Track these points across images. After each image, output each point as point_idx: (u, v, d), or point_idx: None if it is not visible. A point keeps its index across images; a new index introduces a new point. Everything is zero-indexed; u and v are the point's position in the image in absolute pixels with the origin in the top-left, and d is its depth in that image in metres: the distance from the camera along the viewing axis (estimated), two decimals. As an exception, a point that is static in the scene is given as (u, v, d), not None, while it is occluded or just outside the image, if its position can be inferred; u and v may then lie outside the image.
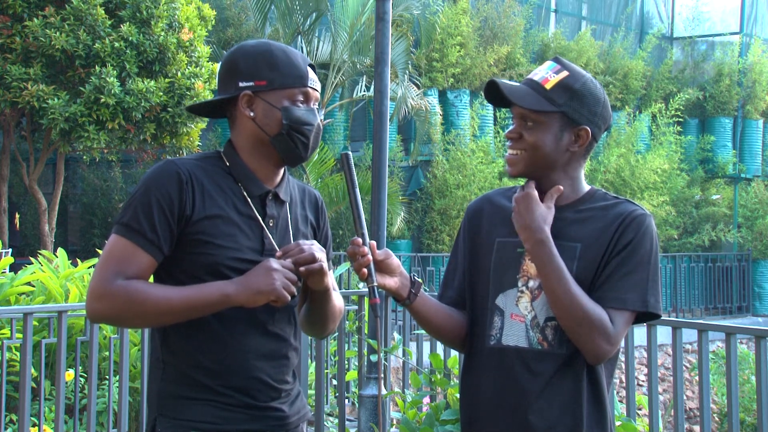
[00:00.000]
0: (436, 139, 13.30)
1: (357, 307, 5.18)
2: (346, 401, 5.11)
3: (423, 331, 4.82)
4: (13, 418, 5.36)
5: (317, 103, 2.16)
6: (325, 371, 4.80)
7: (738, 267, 15.73)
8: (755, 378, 3.52)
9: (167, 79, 8.84)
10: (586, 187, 2.17)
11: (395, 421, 4.38)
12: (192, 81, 8.99)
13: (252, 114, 2.10)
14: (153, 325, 2.09)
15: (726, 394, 3.91)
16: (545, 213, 2.08)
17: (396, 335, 5.73)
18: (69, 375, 5.13)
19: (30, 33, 8.49)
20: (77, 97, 8.62)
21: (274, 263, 2.00)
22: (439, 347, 4.58)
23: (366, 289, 2.05)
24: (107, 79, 8.36)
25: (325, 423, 5.42)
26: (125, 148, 9.71)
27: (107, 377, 5.23)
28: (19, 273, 6.19)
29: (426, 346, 5.08)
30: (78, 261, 7.55)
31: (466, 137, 13.55)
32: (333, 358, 6.99)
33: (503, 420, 2.10)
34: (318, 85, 2.16)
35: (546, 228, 2.06)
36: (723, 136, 16.91)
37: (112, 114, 8.55)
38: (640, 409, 5.04)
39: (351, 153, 2.16)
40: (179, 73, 8.95)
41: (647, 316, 2.10)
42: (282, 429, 2.13)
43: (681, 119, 16.13)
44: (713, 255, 15.72)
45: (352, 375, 4.81)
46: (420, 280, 2.16)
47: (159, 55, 8.91)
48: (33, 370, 4.56)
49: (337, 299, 2.22)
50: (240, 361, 2.06)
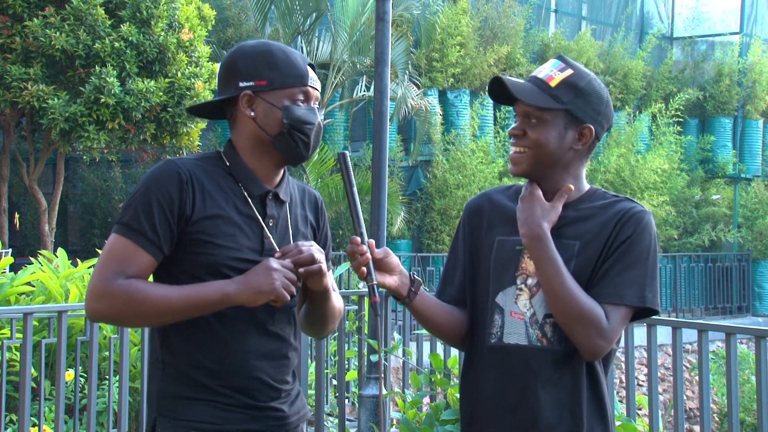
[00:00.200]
0: (436, 139, 13.30)
1: (357, 307, 5.18)
2: (346, 401, 5.11)
3: (423, 331, 4.83)
4: (13, 418, 5.36)
5: (317, 103, 2.16)
6: (325, 371, 4.80)
7: (738, 267, 15.73)
8: (755, 378, 3.52)
9: (167, 79, 8.84)
10: (586, 186, 2.18)
11: (395, 421, 4.38)
12: (192, 81, 8.99)
13: (252, 114, 2.10)
14: (153, 325, 2.09)
15: (726, 394, 3.91)
16: (548, 211, 2.09)
17: (396, 335, 5.72)
18: (69, 375, 5.13)
19: (30, 33, 8.49)
20: (77, 97, 8.62)
21: (274, 263, 2.00)
22: (439, 347, 4.58)
23: (366, 289, 2.05)
24: (107, 79, 8.36)
25: (325, 423, 5.42)
26: (125, 148, 9.71)
27: (107, 377, 5.23)
28: (19, 273, 6.19)
29: (426, 346, 5.08)
30: (78, 261, 7.56)
31: (466, 137, 13.54)
32: (333, 358, 6.99)
33: (504, 418, 2.10)
34: (318, 85, 2.16)
35: (545, 224, 2.07)
36: (723, 136, 16.91)
37: (112, 114, 8.55)
38: (640, 409, 5.04)
39: (348, 152, 2.16)
40: (179, 73, 8.95)
41: (646, 312, 2.10)
42: (282, 429, 2.13)
43: (681, 119, 16.13)
44: (713, 255, 15.72)
45: (352, 375, 4.81)
46: (419, 278, 2.16)
47: (159, 55, 8.90)
48: (33, 370, 4.56)
49: (337, 299, 2.22)
50: (240, 361, 2.06)
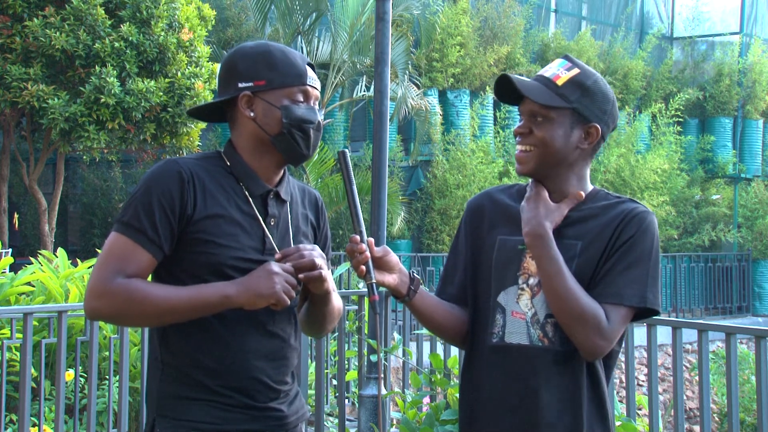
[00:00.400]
0: (436, 139, 13.30)
1: (357, 307, 5.17)
2: (346, 401, 5.11)
3: (423, 331, 4.82)
4: (13, 418, 5.36)
5: (317, 102, 2.16)
6: (325, 371, 4.80)
7: (738, 267, 15.73)
8: (755, 378, 3.52)
9: (167, 79, 8.84)
10: (589, 187, 2.18)
11: (395, 421, 4.38)
12: (192, 81, 8.99)
13: (252, 114, 2.10)
14: (151, 325, 2.08)
15: (726, 394, 3.91)
16: (552, 211, 2.09)
17: (396, 335, 5.72)
18: (69, 375, 5.13)
19: (30, 33, 8.49)
20: (77, 97, 8.62)
21: (275, 266, 1.99)
22: (439, 347, 4.57)
23: (366, 289, 2.05)
24: (107, 79, 8.36)
25: (325, 423, 5.42)
26: (125, 148, 9.71)
27: (107, 377, 5.22)
28: (19, 273, 6.19)
29: (426, 346, 5.08)
30: (78, 261, 7.56)
31: (466, 137, 13.54)
32: (333, 358, 6.99)
33: (504, 418, 2.10)
34: (317, 84, 2.16)
35: (547, 224, 2.07)
36: (723, 136, 16.91)
37: (112, 114, 8.55)
38: (640, 409, 5.04)
39: (348, 151, 2.16)
40: (179, 73, 8.95)
41: (647, 312, 2.10)
42: (281, 429, 2.13)
43: (681, 119, 16.13)
44: (713, 255, 15.72)
45: (352, 375, 4.81)
46: (419, 277, 2.15)
47: (159, 55, 8.90)
48: (33, 370, 4.56)
49: (337, 299, 2.22)
50: (240, 361, 2.06)
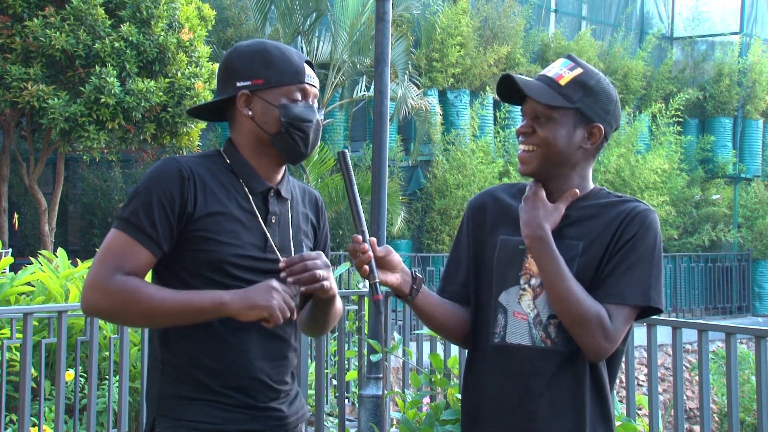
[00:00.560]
0: (436, 139, 13.29)
1: (357, 307, 5.17)
2: (346, 401, 5.11)
3: (423, 331, 4.81)
4: (13, 418, 5.35)
5: (316, 100, 2.16)
6: (325, 371, 4.80)
7: (738, 267, 15.72)
8: (755, 378, 3.52)
9: (167, 79, 8.84)
10: (591, 186, 2.17)
11: (395, 421, 4.37)
12: (192, 81, 8.99)
13: (250, 113, 2.10)
14: (145, 325, 2.08)
15: (726, 394, 3.91)
16: (551, 212, 2.08)
17: (396, 335, 5.72)
18: (69, 375, 5.13)
19: (30, 33, 8.49)
20: (77, 97, 8.62)
21: (276, 284, 1.99)
22: (439, 347, 4.57)
23: (366, 289, 2.05)
24: (107, 79, 8.36)
25: (325, 423, 5.42)
26: (125, 148, 9.71)
27: (107, 377, 5.22)
28: (19, 273, 6.19)
29: (426, 346, 5.08)
30: (78, 261, 7.56)
31: (466, 137, 13.54)
32: (333, 358, 6.98)
33: (505, 418, 2.09)
34: (316, 82, 2.15)
35: (547, 226, 2.06)
36: (723, 136, 16.91)
37: (112, 114, 8.55)
38: (640, 409, 5.03)
39: (348, 151, 2.15)
40: (179, 73, 8.95)
41: (650, 311, 2.09)
42: (281, 429, 2.13)
43: (681, 119, 16.13)
44: (713, 255, 15.71)
45: (352, 375, 4.80)
46: (421, 276, 2.15)
47: (159, 55, 8.90)
48: (33, 370, 4.55)
49: (337, 300, 2.21)
50: (240, 361, 2.06)
